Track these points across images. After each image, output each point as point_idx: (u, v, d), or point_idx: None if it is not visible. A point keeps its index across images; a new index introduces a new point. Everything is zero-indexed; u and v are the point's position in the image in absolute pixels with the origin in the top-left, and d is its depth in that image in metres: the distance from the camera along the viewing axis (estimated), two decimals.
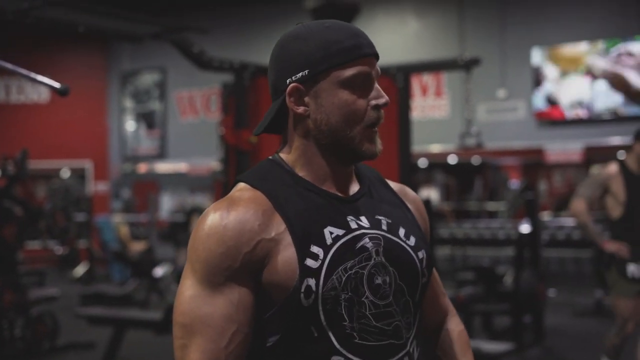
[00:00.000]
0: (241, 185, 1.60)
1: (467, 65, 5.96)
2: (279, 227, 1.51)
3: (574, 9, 13.77)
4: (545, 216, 12.47)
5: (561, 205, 13.76)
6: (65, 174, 18.36)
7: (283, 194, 1.56)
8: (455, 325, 1.86)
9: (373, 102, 1.58)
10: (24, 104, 18.14)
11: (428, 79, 14.91)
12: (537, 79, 13.80)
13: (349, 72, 1.56)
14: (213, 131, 15.68)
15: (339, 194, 1.61)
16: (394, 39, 15.35)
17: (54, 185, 17.35)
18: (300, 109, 1.59)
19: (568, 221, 12.02)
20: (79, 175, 18.40)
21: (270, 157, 1.66)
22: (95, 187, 18.33)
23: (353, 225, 1.56)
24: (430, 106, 14.97)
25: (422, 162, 14.79)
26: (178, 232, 12.78)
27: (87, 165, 18.47)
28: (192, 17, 16.15)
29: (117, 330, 7.06)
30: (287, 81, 1.59)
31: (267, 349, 1.53)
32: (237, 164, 5.83)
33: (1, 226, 7.29)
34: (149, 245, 11.72)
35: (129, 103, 18.97)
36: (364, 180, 1.69)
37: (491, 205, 15.14)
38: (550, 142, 13.57)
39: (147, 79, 18.63)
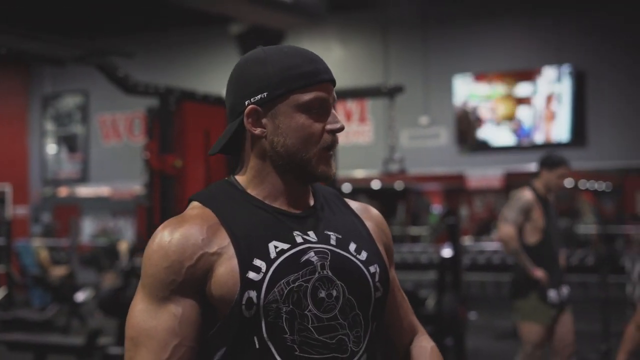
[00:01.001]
0: (193, 203, 1.65)
1: (391, 93, 6.07)
2: (223, 241, 1.55)
3: (496, 38, 14.12)
4: (467, 241, 12.67)
5: (482, 230, 14.01)
6: None
7: (230, 210, 1.60)
8: (427, 342, 1.85)
9: (329, 127, 1.62)
10: None
11: (352, 105, 15.05)
12: (459, 106, 14.06)
13: (306, 96, 1.60)
14: (136, 155, 15.53)
15: (290, 210, 1.64)
16: None
17: None
18: (258, 131, 1.63)
19: (488, 245, 12.24)
20: None
21: (226, 178, 1.70)
22: (14, 210, 17.96)
23: (299, 239, 1.59)
24: (354, 132, 15.12)
25: (346, 187, 14.88)
26: (101, 256, 12.61)
27: (6, 188, 18.09)
28: (118, 41, 16.02)
29: (38, 356, 6.93)
30: (246, 103, 1.63)
31: (211, 356, 1.56)
32: (162, 189, 5.80)
33: None
34: (71, 269, 11.53)
35: (50, 126, 18.69)
36: (318, 197, 1.72)
37: (414, 230, 15.29)
38: (471, 168, 13.82)
39: (69, 102, 18.40)
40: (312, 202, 1.70)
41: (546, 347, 5.45)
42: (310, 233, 1.62)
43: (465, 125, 14.04)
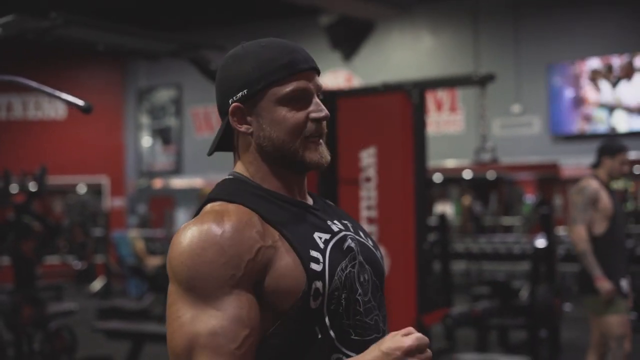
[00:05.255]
0: (215, 203, 1.60)
1: (482, 81, 5.99)
2: (273, 234, 1.53)
3: (589, 25, 13.81)
4: (561, 231, 12.45)
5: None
6: (82, 189, 18.46)
7: (262, 206, 1.58)
8: None
9: (312, 115, 1.61)
10: (41, 120, 18.29)
11: (443, 94, 14.96)
12: (552, 94, 13.82)
13: (285, 88, 1.60)
14: None
15: (308, 203, 1.68)
16: (409, 56, 15.41)
17: (71, 201, 17.45)
18: (243, 128, 1.64)
19: None
20: (95, 190, 18.51)
21: (229, 176, 1.68)
22: (112, 202, 18.43)
23: (335, 228, 1.63)
24: (445, 121, 15.01)
25: (437, 177, 14.80)
26: None
27: (104, 180, 18.57)
28: (207, 35, 16.25)
29: (136, 344, 7.10)
30: (230, 101, 1.63)
31: (269, 351, 1.52)
32: None
33: (20, 241, 7.36)
34: (166, 260, 11.77)
35: (145, 119, 19.09)
36: (310, 193, 1.74)
37: (506, 220, 15.11)
38: (565, 157, 13.58)
39: (163, 95, 18.76)
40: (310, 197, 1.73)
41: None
42: (336, 222, 1.67)
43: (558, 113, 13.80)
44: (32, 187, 7.66)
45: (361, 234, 1.71)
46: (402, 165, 5.58)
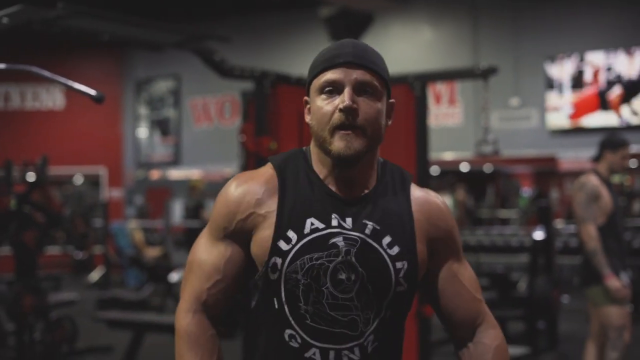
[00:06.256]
0: (269, 164, 1.86)
1: (484, 74, 5.99)
2: (272, 206, 1.78)
3: (588, 18, 13.84)
4: (558, 224, 12.49)
5: (573, 213, 13.75)
6: (79, 180, 18.46)
7: (291, 180, 1.81)
8: (492, 339, 1.88)
9: (339, 106, 1.73)
10: (39, 111, 18.28)
11: (442, 87, 14.98)
12: (551, 88, 13.86)
13: (319, 80, 1.78)
14: (227, 138, 15.76)
15: (340, 194, 1.79)
16: (408, 48, 15.43)
17: (67, 192, 17.46)
18: (308, 118, 1.84)
19: None
20: (93, 181, 18.52)
21: (303, 148, 1.89)
22: (110, 193, 18.43)
23: (334, 222, 1.75)
24: (444, 114, 15.04)
25: (435, 170, 14.81)
26: (193, 238, 12.85)
27: (102, 171, 18.58)
28: (207, 26, 16.25)
29: (137, 334, 7.13)
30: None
31: (252, 308, 1.83)
32: None
33: (22, 231, 7.38)
34: (165, 251, 11.79)
35: (143, 110, 19.09)
36: (382, 182, 1.85)
37: (503, 213, 15.15)
38: (562, 150, 13.61)
39: (162, 86, 18.76)
40: (369, 187, 1.82)
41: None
42: (348, 220, 1.76)
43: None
44: (30, 177, 7.68)
45: (384, 241, 1.76)
46: (404, 157, 5.60)
